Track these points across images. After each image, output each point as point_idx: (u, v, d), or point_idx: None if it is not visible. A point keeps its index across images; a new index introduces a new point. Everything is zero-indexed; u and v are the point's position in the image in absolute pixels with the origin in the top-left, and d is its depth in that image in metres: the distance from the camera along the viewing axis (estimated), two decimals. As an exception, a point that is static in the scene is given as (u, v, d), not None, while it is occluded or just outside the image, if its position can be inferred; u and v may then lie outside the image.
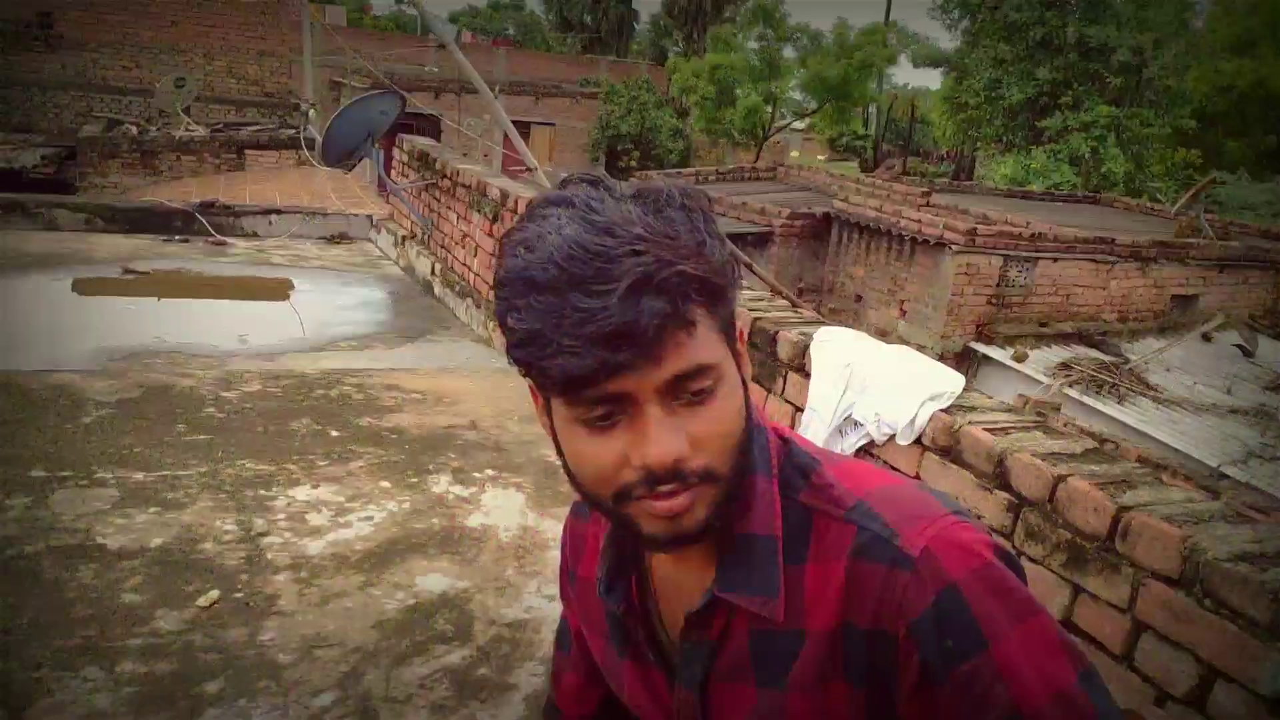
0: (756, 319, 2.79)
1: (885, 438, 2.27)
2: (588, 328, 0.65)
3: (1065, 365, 8.75)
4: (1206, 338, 10.11)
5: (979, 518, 1.96)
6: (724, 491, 0.74)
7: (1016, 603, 0.72)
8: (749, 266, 6.81)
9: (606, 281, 0.65)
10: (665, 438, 0.69)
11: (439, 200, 5.98)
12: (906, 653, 0.72)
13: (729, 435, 0.73)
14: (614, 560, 0.89)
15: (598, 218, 0.68)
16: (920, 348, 6.04)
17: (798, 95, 32.47)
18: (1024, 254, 9.27)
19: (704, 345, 0.70)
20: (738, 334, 0.77)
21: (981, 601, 0.71)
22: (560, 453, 0.77)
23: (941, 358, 7.81)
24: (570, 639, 1.08)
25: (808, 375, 2.53)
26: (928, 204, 11.59)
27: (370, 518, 2.87)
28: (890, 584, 0.73)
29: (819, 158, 34.69)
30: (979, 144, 25.03)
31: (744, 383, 0.77)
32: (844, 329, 2.66)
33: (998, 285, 9.25)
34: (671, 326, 0.67)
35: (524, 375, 0.73)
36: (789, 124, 33.60)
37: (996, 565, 0.73)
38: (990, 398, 2.31)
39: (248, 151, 13.70)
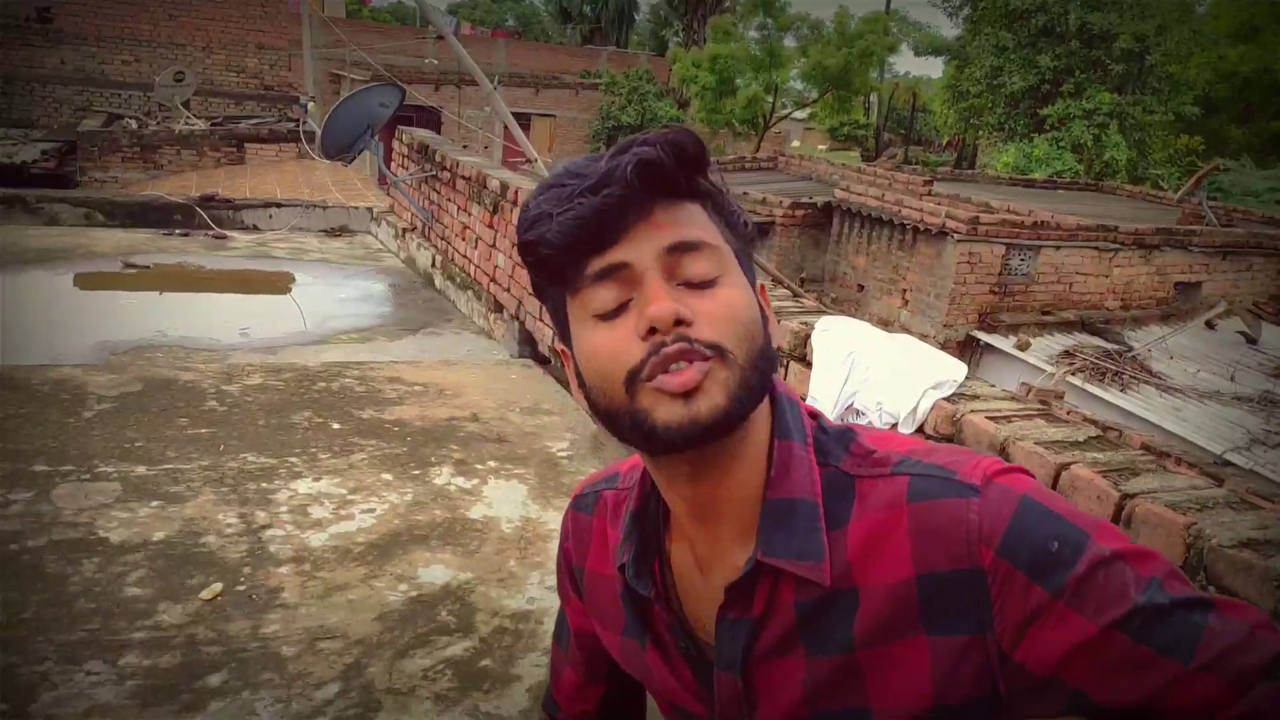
0: (758, 308, 2.79)
1: (887, 426, 2.26)
2: (582, 187, 0.72)
3: (1068, 353, 8.73)
4: (1210, 325, 10.09)
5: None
6: (739, 378, 0.72)
7: (1077, 505, 0.77)
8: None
9: (600, 160, 0.73)
10: (664, 296, 0.72)
11: (439, 192, 5.97)
12: (1004, 579, 0.70)
13: (738, 321, 0.73)
14: (638, 543, 0.87)
15: (589, 156, 0.76)
16: (923, 337, 6.03)
17: (798, 85, 32.41)
18: (1026, 242, 9.24)
19: (705, 231, 0.75)
20: (757, 289, 0.79)
21: (1058, 503, 0.73)
22: (579, 378, 0.78)
23: (944, 346, 7.80)
24: (569, 636, 1.05)
25: (810, 365, 2.53)
26: (929, 193, 11.54)
27: (372, 510, 2.87)
28: (963, 514, 0.72)
29: (820, 147, 34.61)
30: (980, 132, 24.94)
31: (762, 310, 0.78)
32: (846, 318, 2.65)
33: (1000, 274, 9.23)
34: (660, 176, 0.72)
35: (534, 277, 0.79)
36: (790, 114, 33.51)
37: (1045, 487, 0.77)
38: (992, 386, 2.31)
39: (247, 145, 13.69)
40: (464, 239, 5.47)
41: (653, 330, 0.71)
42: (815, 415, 0.84)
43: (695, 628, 0.86)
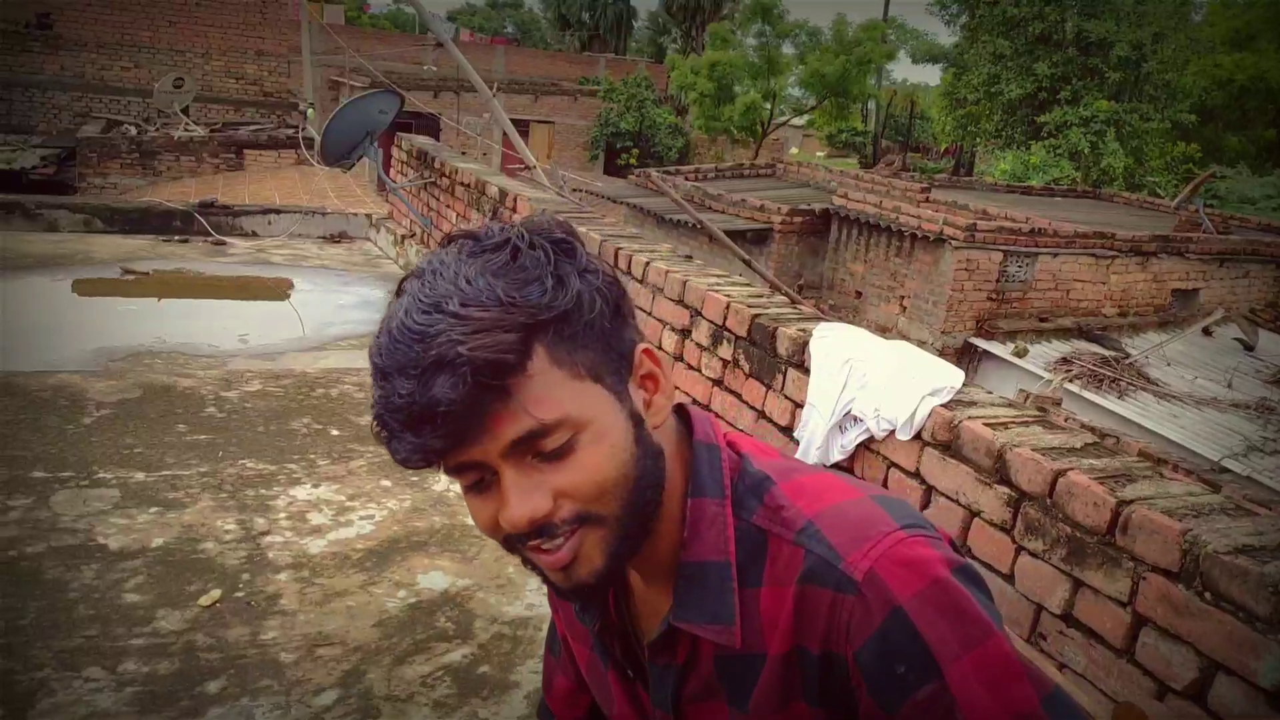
0: (755, 316, 2.79)
1: (885, 433, 2.27)
2: (403, 414, 0.67)
3: (1066, 360, 8.75)
4: (1207, 332, 10.11)
5: (976, 515, 1.97)
6: (617, 533, 0.73)
7: (969, 624, 0.69)
8: (747, 263, 6.80)
9: (418, 364, 0.66)
10: (517, 500, 0.70)
11: (438, 199, 5.98)
12: (856, 682, 0.71)
13: (602, 482, 0.71)
14: None
15: (430, 292, 0.68)
16: (921, 343, 6.04)
17: (796, 92, 32.46)
18: (1024, 249, 9.27)
19: (545, 402, 0.68)
20: (637, 361, 0.75)
21: (931, 625, 0.68)
22: None
23: (942, 353, 7.81)
24: (560, 643, 1.08)
25: (807, 371, 2.53)
26: (927, 200, 11.59)
27: (371, 516, 2.87)
28: (836, 609, 0.71)
29: (818, 154, 34.66)
30: (978, 139, 25.02)
31: (637, 418, 0.74)
32: (843, 325, 2.66)
33: (998, 280, 9.25)
34: (475, 402, 0.66)
35: None
36: (788, 120, 33.59)
37: (949, 584, 0.70)
38: (990, 393, 2.31)
39: (246, 151, 13.71)
40: (463, 245, 5.47)
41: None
42: (742, 455, 0.82)
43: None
